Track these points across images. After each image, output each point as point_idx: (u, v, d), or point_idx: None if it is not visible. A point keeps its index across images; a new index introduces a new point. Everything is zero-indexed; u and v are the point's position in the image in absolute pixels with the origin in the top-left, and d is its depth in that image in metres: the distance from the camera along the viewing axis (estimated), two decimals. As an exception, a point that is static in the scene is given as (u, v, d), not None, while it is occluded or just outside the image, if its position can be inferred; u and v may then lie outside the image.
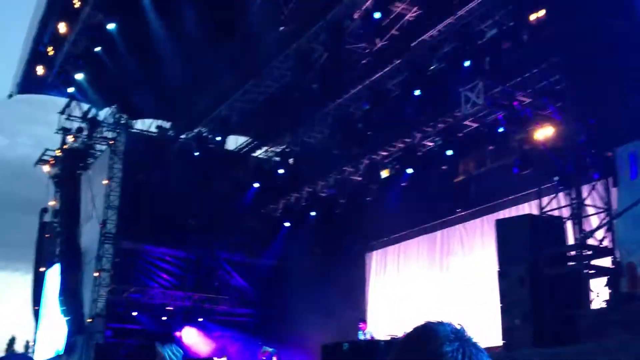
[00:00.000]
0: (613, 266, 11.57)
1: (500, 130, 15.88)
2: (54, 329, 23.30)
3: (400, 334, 13.17)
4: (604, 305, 10.88)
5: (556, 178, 12.57)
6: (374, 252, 22.73)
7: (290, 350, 19.43)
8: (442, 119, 17.75)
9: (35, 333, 25.94)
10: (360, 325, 16.83)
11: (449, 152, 17.52)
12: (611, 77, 12.35)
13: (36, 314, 26.02)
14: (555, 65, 13.08)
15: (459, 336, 1.46)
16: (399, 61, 17.02)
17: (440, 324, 1.49)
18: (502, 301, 11.53)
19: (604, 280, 11.35)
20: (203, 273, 23.54)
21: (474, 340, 1.46)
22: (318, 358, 10.44)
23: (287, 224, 22.87)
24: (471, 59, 14.74)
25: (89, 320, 21.35)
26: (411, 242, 21.15)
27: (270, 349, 17.35)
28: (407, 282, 20.72)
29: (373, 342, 9.67)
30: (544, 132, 13.41)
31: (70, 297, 22.16)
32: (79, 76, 20.20)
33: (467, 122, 17.25)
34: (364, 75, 18.09)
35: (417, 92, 16.45)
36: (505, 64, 14.50)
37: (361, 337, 15.86)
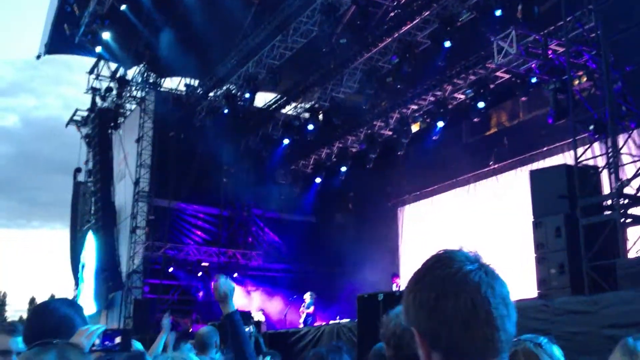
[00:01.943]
0: (650, 215, 11.45)
1: (534, 80, 15.65)
2: (93, 286, 23.84)
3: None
4: (641, 254, 10.80)
5: (591, 127, 12.38)
6: (406, 206, 22.75)
7: (325, 302, 19.65)
8: (473, 71, 17.54)
9: (75, 290, 26.58)
10: (393, 279, 16.96)
11: (481, 104, 17.33)
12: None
13: (75, 271, 26.62)
14: (590, 12, 12.77)
15: (477, 258, 1.55)
16: (428, 12, 16.75)
17: (459, 249, 1.57)
18: (537, 252, 11.47)
19: (640, 229, 11.25)
20: (236, 229, 23.85)
21: (493, 267, 1.56)
22: (354, 308, 10.57)
23: (318, 180, 22.95)
24: (502, 8, 14.47)
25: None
26: (443, 196, 21.10)
27: (310, 296, 17.53)
28: (439, 236, 20.73)
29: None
30: (579, 81, 13.18)
31: (107, 254, 22.62)
32: (106, 35, 20.22)
33: (498, 74, 17.02)
34: (392, 28, 17.85)
35: (447, 44, 16.20)
36: (538, 11, 14.21)
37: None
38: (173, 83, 24.57)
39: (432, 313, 1.54)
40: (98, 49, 21.17)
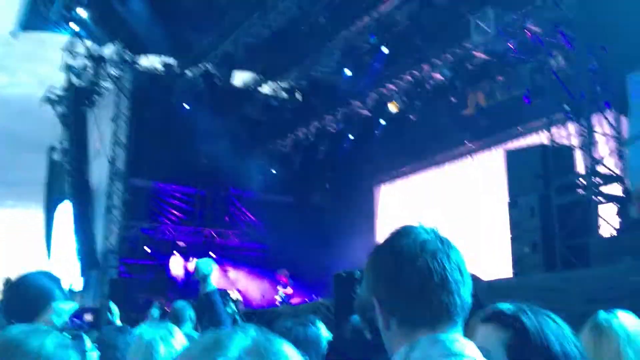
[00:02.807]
0: (623, 194, 11.60)
1: (511, 60, 15.72)
2: (67, 266, 23.67)
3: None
4: (614, 232, 10.96)
5: (566, 107, 12.47)
6: (383, 186, 22.83)
7: (302, 281, 19.71)
8: (450, 50, 17.55)
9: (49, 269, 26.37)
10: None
11: (458, 84, 17.38)
12: (624, 3, 12.13)
13: (49, 251, 26.40)
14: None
15: (434, 230, 1.66)
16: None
17: (416, 224, 1.69)
18: (512, 231, 11.60)
19: (614, 207, 11.40)
20: (213, 209, 23.78)
21: (448, 238, 1.65)
22: (330, 287, 10.63)
23: (295, 159, 22.92)
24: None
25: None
26: (420, 175, 21.22)
27: (286, 273, 17.56)
28: (416, 215, 20.85)
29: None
30: (555, 61, 13.25)
31: (82, 233, 22.45)
32: (82, 12, 19.92)
33: (476, 53, 17.04)
34: (370, 6, 17.77)
35: (425, 23, 16.19)
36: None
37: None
38: (150, 61, 24.28)
39: (389, 281, 1.59)
40: (73, 26, 20.84)
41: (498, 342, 1.78)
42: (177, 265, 21.91)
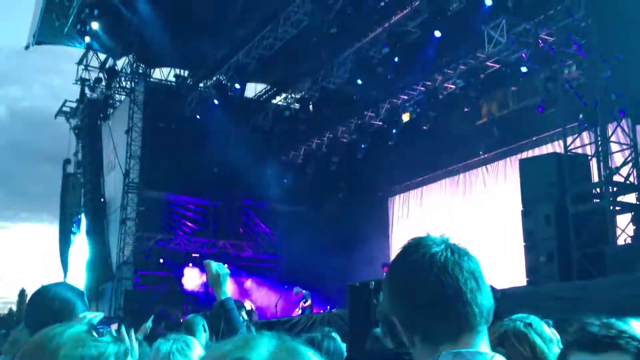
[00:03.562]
0: (638, 202, 11.53)
1: (524, 69, 15.68)
2: (82, 278, 23.77)
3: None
4: (629, 241, 10.88)
5: (581, 116, 12.42)
6: (397, 196, 22.79)
7: (316, 292, 19.68)
8: (463, 61, 17.53)
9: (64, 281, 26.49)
10: (384, 269, 16.92)
11: (471, 94, 17.36)
12: (636, 12, 12.09)
13: (64, 263, 26.52)
14: (579, 1, 12.81)
15: (444, 240, 1.61)
16: (418, 2, 16.72)
17: (427, 235, 1.64)
18: (526, 240, 11.54)
19: (629, 216, 11.33)
20: (227, 220, 23.83)
21: (460, 245, 1.60)
22: (345, 297, 10.61)
23: (309, 171, 22.95)
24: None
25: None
26: (433, 186, 21.15)
27: (304, 291, 17.55)
28: (429, 225, 20.77)
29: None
30: (568, 70, 13.22)
31: (97, 245, 22.56)
32: (95, 25, 20.10)
33: (489, 63, 17.02)
34: (383, 17, 17.82)
35: (437, 34, 16.21)
36: (528, 1, 14.23)
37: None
38: (163, 74, 24.47)
39: (404, 299, 1.58)
40: (87, 39, 21.03)
41: None
42: (191, 278, 21.92)
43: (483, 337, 1.55)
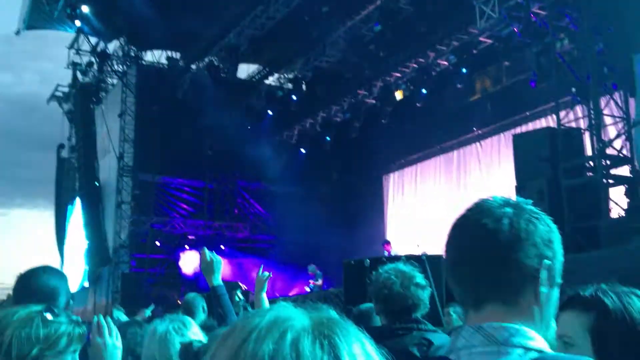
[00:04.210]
0: (631, 175, 11.56)
1: (516, 44, 15.65)
2: (79, 262, 23.81)
3: (419, 252, 13.31)
4: (622, 214, 10.92)
5: (573, 90, 12.40)
6: (391, 174, 22.82)
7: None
8: (455, 37, 17.48)
9: (61, 267, 26.53)
10: (384, 247, 16.92)
11: (464, 70, 17.33)
12: (629, -16, 12.04)
13: (60, 248, 26.55)
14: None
15: (512, 202, 1.44)
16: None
17: (493, 197, 1.48)
18: (520, 215, 11.56)
19: (622, 189, 11.37)
20: (222, 202, 23.85)
21: (531, 207, 1.43)
22: (340, 276, 10.64)
23: (303, 150, 22.94)
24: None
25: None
26: (428, 163, 21.18)
27: (318, 271, 17.64)
28: (425, 203, 20.84)
29: (393, 257, 9.88)
30: (560, 44, 13.18)
31: (93, 229, 22.56)
32: (85, 9, 19.94)
33: (481, 39, 16.97)
34: (374, -6, 17.71)
35: (429, 10, 16.14)
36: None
37: (387, 258, 15.93)
38: (155, 56, 24.33)
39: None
40: (77, 23, 20.85)
41: (581, 328, 1.70)
42: (189, 262, 21.95)
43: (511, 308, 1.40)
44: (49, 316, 1.91)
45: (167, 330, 3.38)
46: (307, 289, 17.63)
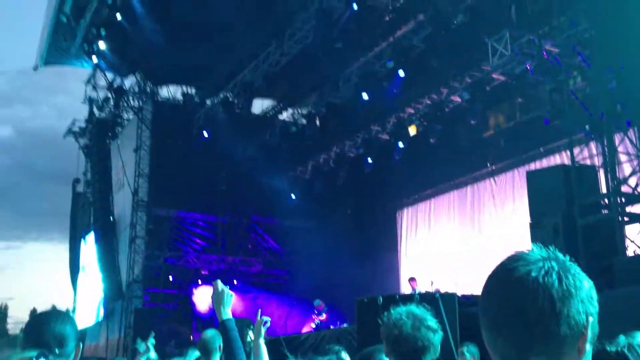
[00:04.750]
0: (648, 213, 11.47)
1: (529, 80, 15.70)
2: (93, 297, 23.82)
3: (433, 289, 13.22)
4: (639, 252, 10.82)
5: (587, 127, 12.40)
6: (405, 210, 22.76)
7: (326, 307, 19.64)
8: (469, 73, 17.57)
9: (74, 301, 26.54)
10: (410, 283, 16.69)
11: (478, 106, 17.39)
12: (639, 22, 12.09)
13: (74, 282, 26.59)
14: (582, 12, 12.83)
15: (553, 255, 1.44)
16: (422, 16, 16.78)
17: (532, 249, 1.47)
18: (535, 252, 11.46)
19: (638, 227, 11.27)
20: (235, 236, 23.85)
21: (570, 262, 1.44)
22: (353, 313, 10.57)
23: (316, 185, 22.98)
24: (496, 10, 14.50)
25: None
26: (441, 199, 21.13)
27: (322, 303, 17.57)
28: (439, 239, 20.75)
29: (407, 295, 9.82)
30: (574, 81, 13.20)
31: (107, 264, 22.60)
32: (102, 45, 20.24)
33: (494, 75, 17.03)
34: (387, 32, 17.88)
35: (442, 47, 16.26)
36: (531, 12, 14.23)
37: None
38: (170, 92, 24.60)
39: None
40: (95, 59, 21.18)
41: None
42: (203, 298, 21.87)
43: None
44: None
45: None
46: (313, 325, 17.49)
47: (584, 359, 1.40)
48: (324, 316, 17.50)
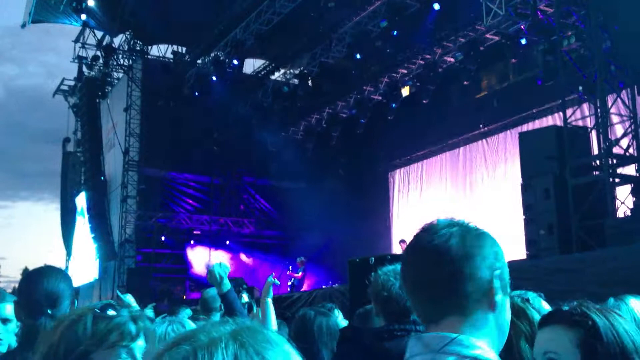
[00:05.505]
0: (638, 174, 11.51)
1: (523, 41, 15.58)
2: (85, 256, 23.87)
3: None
4: (629, 213, 10.88)
5: (580, 88, 12.34)
6: (397, 171, 22.77)
7: (317, 268, 19.76)
8: (462, 33, 17.41)
9: (67, 261, 26.61)
10: (401, 245, 16.76)
11: (471, 67, 17.26)
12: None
13: (65, 242, 26.62)
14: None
15: (456, 222, 1.60)
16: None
17: (438, 219, 1.64)
18: (526, 213, 11.53)
19: (629, 188, 11.32)
20: (228, 197, 23.86)
21: (474, 225, 1.60)
22: (346, 273, 10.63)
23: (308, 146, 22.92)
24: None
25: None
26: (434, 160, 21.13)
27: (305, 261, 17.63)
28: (430, 199, 20.81)
29: (399, 255, 9.85)
30: (567, 42, 13.10)
31: (99, 224, 22.60)
32: (91, 2, 19.95)
33: (488, 35, 16.88)
34: (381, -10, 17.64)
35: (436, 6, 16.09)
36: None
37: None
38: (160, 51, 24.33)
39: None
40: (83, 16, 20.88)
41: (570, 344, 1.70)
42: (198, 261, 21.94)
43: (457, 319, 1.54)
44: (111, 312, 1.92)
45: (165, 332, 3.38)
46: (289, 283, 17.51)
47: (500, 310, 1.54)
48: (299, 274, 17.53)
